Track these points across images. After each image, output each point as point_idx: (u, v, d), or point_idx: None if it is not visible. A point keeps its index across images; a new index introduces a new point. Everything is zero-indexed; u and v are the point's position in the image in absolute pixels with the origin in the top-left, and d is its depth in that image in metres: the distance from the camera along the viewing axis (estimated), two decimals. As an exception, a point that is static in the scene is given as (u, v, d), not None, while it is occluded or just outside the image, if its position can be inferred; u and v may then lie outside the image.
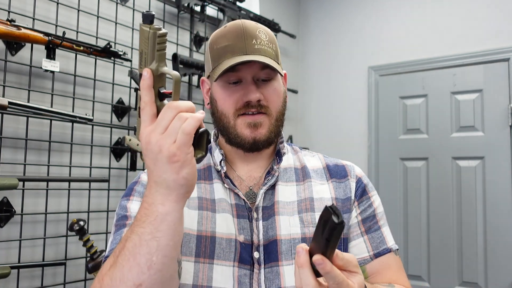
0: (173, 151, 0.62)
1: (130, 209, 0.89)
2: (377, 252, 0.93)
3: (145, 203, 0.67)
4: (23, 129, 1.61)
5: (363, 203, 0.96)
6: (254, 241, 0.87)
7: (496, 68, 2.44)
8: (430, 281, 2.55)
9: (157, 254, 0.64)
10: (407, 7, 2.78)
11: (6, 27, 1.47)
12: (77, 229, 1.58)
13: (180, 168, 0.63)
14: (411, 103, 2.71)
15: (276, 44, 0.93)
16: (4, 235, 1.55)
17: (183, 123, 0.62)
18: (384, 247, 0.93)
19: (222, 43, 0.90)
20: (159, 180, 0.64)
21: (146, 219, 0.65)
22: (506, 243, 2.33)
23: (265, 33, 0.91)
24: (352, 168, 1.00)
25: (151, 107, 0.65)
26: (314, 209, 0.92)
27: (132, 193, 0.93)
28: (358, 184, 0.97)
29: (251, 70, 0.88)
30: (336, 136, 2.99)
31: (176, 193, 0.65)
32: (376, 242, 0.93)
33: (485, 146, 2.44)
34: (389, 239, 0.95)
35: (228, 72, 0.87)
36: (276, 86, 0.92)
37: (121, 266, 0.66)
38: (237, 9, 2.45)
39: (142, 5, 2.08)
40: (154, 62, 0.65)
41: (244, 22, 0.91)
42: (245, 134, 0.89)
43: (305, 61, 3.22)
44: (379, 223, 0.96)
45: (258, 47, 0.88)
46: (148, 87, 0.65)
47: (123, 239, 0.68)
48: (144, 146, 0.64)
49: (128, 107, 1.98)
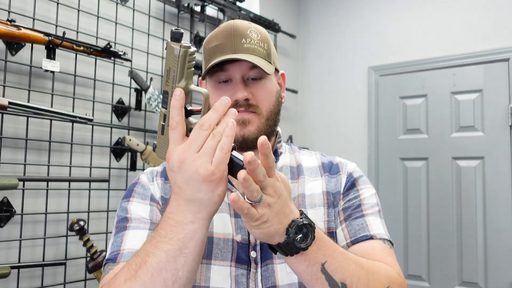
0: (211, 169, 0.62)
1: (131, 210, 0.90)
2: (354, 239, 0.87)
3: (172, 220, 0.66)
4: (23, 129, 1.61)
5: (349, 195, 0.94)
6: (251, 240, 0.87)
7: (496, 68, 2.44)
8: (430, 281, 2.55)
9: (183, 270, 0.66)
10: (407, 7, 2.78)
11: (6, 27, 1.47)
12: (77, 229, 1.58)
13: (216, 186, 0.64)
14: (411, 103, 2.71)
15: (269, 43, 0.93)
16: (4, 235, 1.55)
17: (218, 141, 0.63)
18: (363, 233, 0.88)
19: (213, 43, 0.91)
20: (192, 198, 0.65)
21: (174, 236, 0.66)
22: (506, 243, 2.33)
23: (257, 32, 0.91)
24: (345, 164, 0.99)
25: (183, 126, 0.66)
26: (305, 205, 0.92)
27: (132, 194, 0.93)
28: (348, 179, 0.96)
29: (240, 69, 0.88)
30: (336, 136, 2.99)
31: (207, 211, 0.66)
32: (355, 229, 0.88)
33: (485, 146, 2.44)
34: (374, 228, 0.89)
35: (217, 71, 0.88)
36: (268, 85, 0.91)
37: (142, 281, 0.66)
38: (237, 9, 2.45)
39: (142, 5, 2.08)
40: (183, 80, 0.66)
41: (236, 22, 0.91)
42: None
43: (305, 61, 3.22)
44: (364, 212, 0.91)
45: (247, 46, 0.88)
46: (181, 106, 0.65)
47: (142, 253, 0.68)
48: (176, 164, 0.64)
49: (128, 107, 1.98)
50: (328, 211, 0.92)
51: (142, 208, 0.90)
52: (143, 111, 2.03)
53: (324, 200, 0.93)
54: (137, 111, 2.01)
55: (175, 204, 0.67)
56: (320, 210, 0.92)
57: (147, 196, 0.92)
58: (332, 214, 0.92)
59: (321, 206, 0.92)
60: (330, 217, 0.91)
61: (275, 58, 0.95)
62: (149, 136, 2.07)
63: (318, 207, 0.92)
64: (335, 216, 0.92)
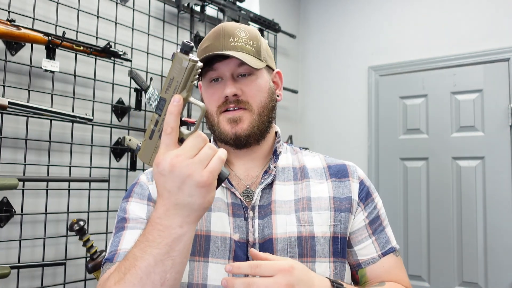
0: (206, 175, 0.64)
1: (129, 210, 0.91)
2: (384, 251, 0.95)
3: (159, 225, 0.67)
4: (23, 129, 1.61)
5: (369, 205, 0.97)
6: (250, 239, 0.88)
7: (496, 68, 2.44)
8: (430, 281, 2.55)
9: (171, 271, 0.67)
10: (407, 7, 2.78)
11: (6, 27, 1.47)
12: (77, 229, 1.58)
13: (207, 192, 0.65)
14: (411, 103, 2.71)
15: (258, 41, 0.94)
16: (4, 235, 1.55)
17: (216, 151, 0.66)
18: (389, 246, 0.97)
19: (204, 44, 0.94)
20: (182, 203, 0.65)
21: (162, 240, 0.66)
22: (506, 243, 2.33)
23: (246, 32, 0.93)
24: (354, 169, 1.00)
25: (177, 133, 0.67)
26: (311, 209, 0.92)
27: (131, 194, 0.95)
28: (361, 186, 0.97)
29: (228, 67, 0.90)
30: (336, 136, 2.99)
31: (195, 215, 0.67)
32: (383, 242, 0.96)
33: (485, 146, 2.44)
34: (391, 239, 0.98)
35: (208, 71, 0.91)
36: (258, 81, 0.92)
37: (131, 284, 0.67)
38: (237, 9, 2.45)
39: (142, 5, 2.08)
40: (184, 91, 0.67)
41: (225, 23, 0.95)
42: (226, 130, 0.91)
43: (305, 61, 3.22)
44: (383, 224, 0.98)
45: (234, 44, 0.90)
46: (178, 113, 0.66)
47: (130, 257, 0.69)
48: (167, 168, 0.64)
49: (128, 107, 1.98)
50: (335, 215, 0.93)
51: (140, 208, 0.92)
52: (143, 111, 2.03)
53: (330, 205, 0.94)
54: (137, 111, 2.01)
55: (163, 209, 0.67)
56: (326, 214, 0.92)
57: (145, 196, 0.94)
58: (339, 219, 0.93)
59: (327, 210, 0.93)
60: (337, 221, 0.92)
61: (266, 55, 0.96)
62: (149, 136, 2.07)
63: (324, 211, 0.92)
64: (341, 221, 0.93)
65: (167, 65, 2.16)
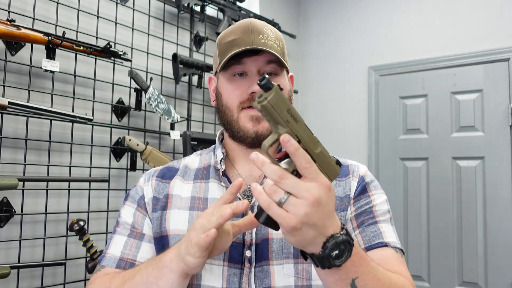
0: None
1: (121, 214, 0.95)
2: (369, 246, 0.86)
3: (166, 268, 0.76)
4: (23, 129, 1.61)
5: (360, 200, 0.93)
6: (246, 239, 0.87)
7: (496, 68, 2.44)
8: (430, 281, 2.55)
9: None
10: (407, 7, 2.78)
11: (6, 27, 1.47)
12: (77, 229, 1.58)
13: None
14: (411, 103, 2.71)
15: (283, 43, 0.94)
16: (4, 235, 1.55)
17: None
18: (378, 240, 0.87)
19: (229, 37, 0.91)
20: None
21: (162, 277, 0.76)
22: (506, 243, 2.33)
23: (272, 31, 0.93)
24: (357, 167, 0.98)
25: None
26: None
27: (127, 197, 0.98)
28: (359, 182, 0.95)
29: (256, 63, 0.89)
30: (336, 136, 2.99)
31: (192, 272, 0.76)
32: (369, 236, 0.88)
33: (485, 146, 2.44)
34: (388, 235, 0.89)
35: (233, 64, 0.88)
36: (282, 81, 0.92)
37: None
38: (237, 9, 2.45)
39: (142, 5, 2.08)
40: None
41: (252, 19, 0.93)
42: (247, 127, 0.89)
43: (305, 61, 3.22)
44: (377, 218, 0.90)
45: (264, 41, 0.88)
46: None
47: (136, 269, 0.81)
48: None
49: (128, 107, 1.98)
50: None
51: (129, 212, 0.95)
52: (143, 111, 2.03)
53: None
54: (137, 111, 2.01)
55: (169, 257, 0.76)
56: None
57: (136, 199, 0.96)
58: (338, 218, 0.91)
59: None
60: None
61: (287, 58, 0.96)
62: (149, 136, 2.07)
63: None
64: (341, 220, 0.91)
65: (167, 65, 2.16)
